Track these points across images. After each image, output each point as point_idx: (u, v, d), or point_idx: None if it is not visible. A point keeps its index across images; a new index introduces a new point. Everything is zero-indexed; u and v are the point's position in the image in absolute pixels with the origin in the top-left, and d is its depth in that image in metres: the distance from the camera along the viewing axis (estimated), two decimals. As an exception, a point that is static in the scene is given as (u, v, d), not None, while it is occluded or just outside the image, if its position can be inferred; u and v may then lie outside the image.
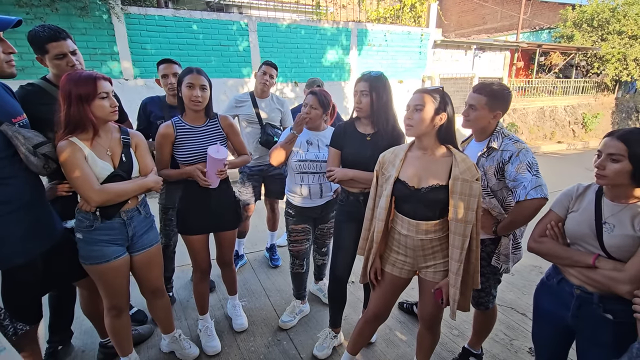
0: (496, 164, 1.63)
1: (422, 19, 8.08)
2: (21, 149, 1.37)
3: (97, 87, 1.43)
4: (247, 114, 2.76)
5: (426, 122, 1.43)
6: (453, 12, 17.09)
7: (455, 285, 1.45)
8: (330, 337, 2.14)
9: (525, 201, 1.49)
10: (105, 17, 5.05)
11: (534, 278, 3.03)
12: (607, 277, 1.19)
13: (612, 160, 1.18)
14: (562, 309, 1.36)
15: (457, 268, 1.43)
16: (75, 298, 2.00)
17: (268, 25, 6.31)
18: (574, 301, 1.31)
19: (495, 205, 1.69)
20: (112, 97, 1.51)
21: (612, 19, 10.96)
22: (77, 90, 1.41)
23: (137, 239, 1.68)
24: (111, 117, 1.52)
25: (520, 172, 1.53)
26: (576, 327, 1.34)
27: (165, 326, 2.00)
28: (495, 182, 1.65)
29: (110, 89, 1.50)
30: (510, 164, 1.57)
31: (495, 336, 2.29)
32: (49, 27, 1.64)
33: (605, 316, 1.23)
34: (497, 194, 1.68)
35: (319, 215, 2.22)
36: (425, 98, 1.43)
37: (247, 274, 3.06)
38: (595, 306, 1.25)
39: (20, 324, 1.45)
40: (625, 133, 1.19)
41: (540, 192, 1.48)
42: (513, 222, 1.60)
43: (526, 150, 1.58)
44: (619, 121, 11.98)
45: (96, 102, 1.45)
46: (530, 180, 1.50)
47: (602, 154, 1.22)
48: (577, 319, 1.32)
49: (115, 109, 1.52)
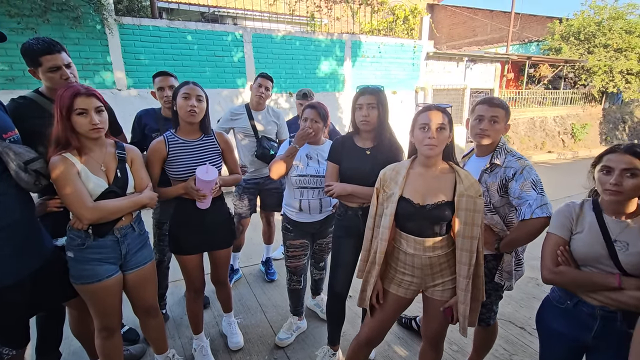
0: (499, 181, 1.62)
1: (414, 31, 8.21)
2: (11, 165, 1.32)
3: (73, 102, 1.38)
4: (243, 126, 2.74)
5: (447, 141, 1.44)
6: (444, 25, 17.45)
7: (464, 302, 1.43)
8: (328, 355, 2.09)
9: (531, 219, 1.48)
10: (99, 27, 5.01)
11: (531, 290, 3.02)
12: (636, 297, 1.17)
13: (629, 176, 1.18)
14: (580, 330, 1.33)
15: (466, 284, 1.42)
16: (64, 318, 1.92)
17: (263, 37, 6.34)
18: (597, 322, 1.28)
19: (498, 222, 1.67)
20: (92, 115, 1.41)
21: (598, 32, 11.28)
22: (59, 104, 1.38)
23: (131, 256, 1.63)
24: (90, 134, 1.43)
25: (525, 189, 1.52)
26: (597, 347, 1.31)
27: (158, 346, 1.93)
28: (498, 199, 1.64)
29: (91, 106, 1.41)
30: (515, 181, 1.56)
31: (495, 351, 2.26)
32: (43, 40, 1.61)
33: (630, 332, 1.18)
34: (499, 211, 1.66)
35: (317, 230, 2.19)
36: (445, 117, 1.42)
37: (243, 288, 2.99)
38: (620, 324, 1.24)
39: (6, 349, 1.39)
40: (633, 147, 1.20)
41: (546, 210, 1.47)
42: (516, 239, 1.58)
43: (530, 168, 1.57)
44: (607, 131, 12.24)
45: (73, 118, 1.40)
46: (536, 199, 1.49)
47: (613, 170, 1.21)
48: (600, 339, 1.29)
49: (94, 126, 1.42)
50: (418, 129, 1.44)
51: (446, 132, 1.42)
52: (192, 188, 1.74)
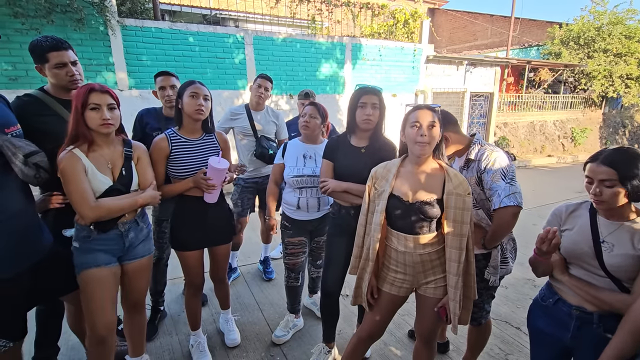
0: (476, 174, 1.64)
1: (415, 34, 8.26)
2: (11, 158, 1.34)
3: (88, 98, 1.44)
4: (243, 126, 2.77)
5: (437, 139, 1.46)
6: (445, 29, 17.54)
7: (455, 299, 1.44)
8: (324, 352, 2.11)
9: (500, 209, 1.51)
10: (102, 28, 5.07)
11: (528, 291, 3.04)
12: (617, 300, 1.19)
13: (608, 186, 1.19)
14: (560, 330, 1.35)
15: (456, 282, 1.43)
16: (63, 313, 1.94)
17: (264, 39, 6.39)
18: (573, 322, 1.29)
19: (483, 217, 1.70)
20: (104, 110, 1.47)
21: (598, 37, 11.33)
22: (75, 100, 1.44)
23: (133, 249, 1.66)
24: (101, 129, 1.48)
25: (494, 180, 1.55)
26: (575, 348, 1.32)
27: (136, 346, 1.87)
28: (479, 192, 1.66)
29: (105, 102, 1.47)
30: (486, 173, 1.58)
31: (490, 351, 2.28)
32: (52, 38, 1.66)
33: (607, 336, 1.21)
34: (482, 204, 1.68)
35: (315, 228, 2.22)
36: (435, 116, 1.45)
37: (240, 287, 3.01)
38: (596, 326, 1.24)
39: (3, 340, 1.40)
40: (609, 157, 1.20)
41: (514, 199, 1.49)
42: (495, 232, 1.60)
43: (501, 158, 1.58)
44: (607, 135, 12.27)
45: (87, 113, 1.45)
46: (504, 188, 1.51)
47: (593, 180, 1.23)
48: (577, 340, 1.30)
49: (105, 121, 1.47)
50: (409, 127, 1.47)
51: (436, 129, 1.45)
52: (202, 178, 1.77)
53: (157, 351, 2.23)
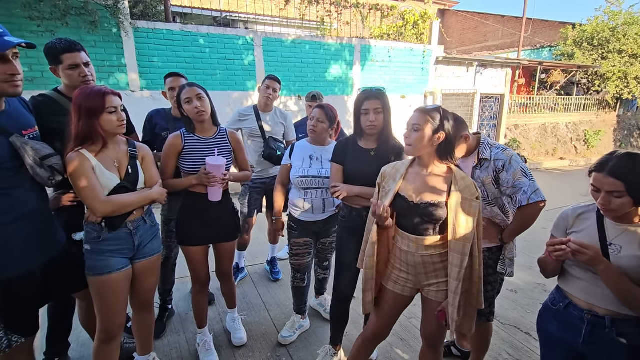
0: (492, 174, 1.69)
1: (424, 36, 8.21)
2: (28, 160, 1.37)
3: (105, 101, 1.48)
4: (251, 127, 2.79)
5: (424, 141, 1.45)
6: (455, 30, 17.39)
7: (454, 305, 1.42)
8: (330, 354, 2.10)
9: (529, 205, 1.57)
10: (115, 30, 5.17)
11: (538, 296, 2.99)
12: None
13: (616, 196, 1.18)
14: (571, 334, 1.32)
15: (456, 287, 1.42)
16: (74, 309, 1.98)
17: (273, 41, 6.43)
18: (585, 326, 1.27)
19: (498, 214, 1.73)
20: (120, 112, 1.54)
21: (612, 38, 11.11)
22: (87, 104, 1.46)
23: (143, 247, 1.69)
24: (118, 130, 1.55)
25: (517, 178, 1.61)
26: (588, 353, 1.30)
27: (144, 344, 1.90)
28: (495, 191, 1.71)
29: (118, 104, 1.53)
30: (505, 171, 1.64)
31: (499, 356, 2.25)
32: (66, 40, 1.71)
33: (619, 340, 1.19)
34: (497, 202, 1.73)
35: (320, 229, 2.22)
36: (423, 118, 1.44)
37: (247, 287, 3.03)
38: (608, 330, 1.22)
39: (15, 336, 1.43)
40: (616, 168, 1.18)
41: (540, 195, 1.58)
42: (519, 227, 1.66)
43: (516, 157, 1.65)
44: (621, 138, 12.00)
45: (104, 116, 1.49)
46: (530, 185, 1.59)
47: (600, 190, 1.22)
48: (589, 345, 1.28)
49: (122, 123, 1.55)
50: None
51: (419, 133, 1.43)
52: (203, 173, 1.82)
53: (164, 349, 2.26)
